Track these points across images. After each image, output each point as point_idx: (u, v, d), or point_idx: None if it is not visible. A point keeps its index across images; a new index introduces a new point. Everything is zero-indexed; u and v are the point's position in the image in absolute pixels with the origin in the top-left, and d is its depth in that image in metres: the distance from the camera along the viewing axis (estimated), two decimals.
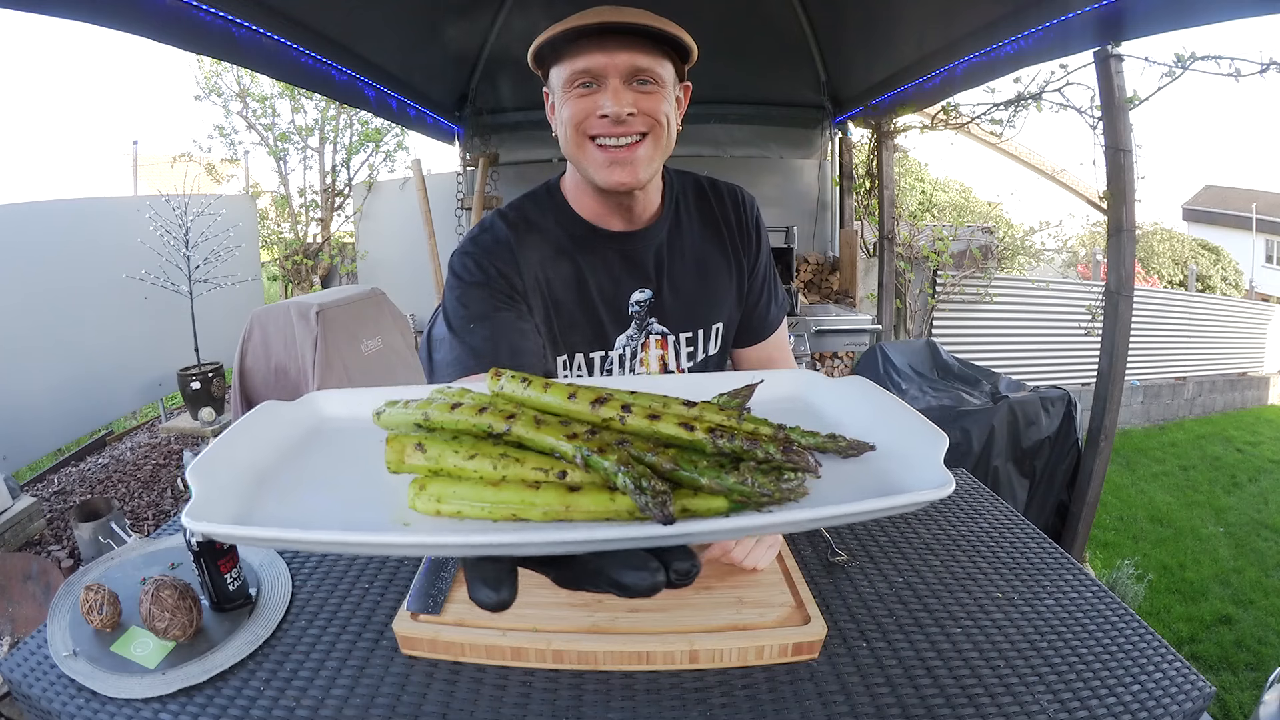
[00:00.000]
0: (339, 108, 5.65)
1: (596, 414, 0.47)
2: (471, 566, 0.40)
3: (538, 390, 0.50)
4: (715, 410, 0.50)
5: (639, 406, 0.47)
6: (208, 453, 0.48)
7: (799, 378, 0.67)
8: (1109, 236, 2.55)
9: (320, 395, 0.63)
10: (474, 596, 0.39)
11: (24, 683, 0.75)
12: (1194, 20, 1.92)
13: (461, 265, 0.92)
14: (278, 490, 0.48)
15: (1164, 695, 0.73)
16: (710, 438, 0.45)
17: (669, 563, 0.39)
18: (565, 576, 0.42)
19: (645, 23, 0.81)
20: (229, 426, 0.53)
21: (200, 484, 0.43)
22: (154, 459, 3.65)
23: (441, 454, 0.44)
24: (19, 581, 2.03)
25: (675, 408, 0.49)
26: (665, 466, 0.42)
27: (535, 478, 0.42)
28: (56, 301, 3.32)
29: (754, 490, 0.41)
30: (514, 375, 0.52)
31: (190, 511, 0.40)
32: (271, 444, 0.54)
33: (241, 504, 0.45)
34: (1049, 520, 2.78)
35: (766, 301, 1.09)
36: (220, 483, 0.45)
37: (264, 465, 0.51)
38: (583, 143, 0.87)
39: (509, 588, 0.39)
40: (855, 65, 3.98)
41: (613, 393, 0.50)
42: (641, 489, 0.38)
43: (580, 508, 0.41)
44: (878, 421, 0.53)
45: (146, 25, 1.89)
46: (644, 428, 0.46)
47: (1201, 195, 15.47)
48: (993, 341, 5.42)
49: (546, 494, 0.41)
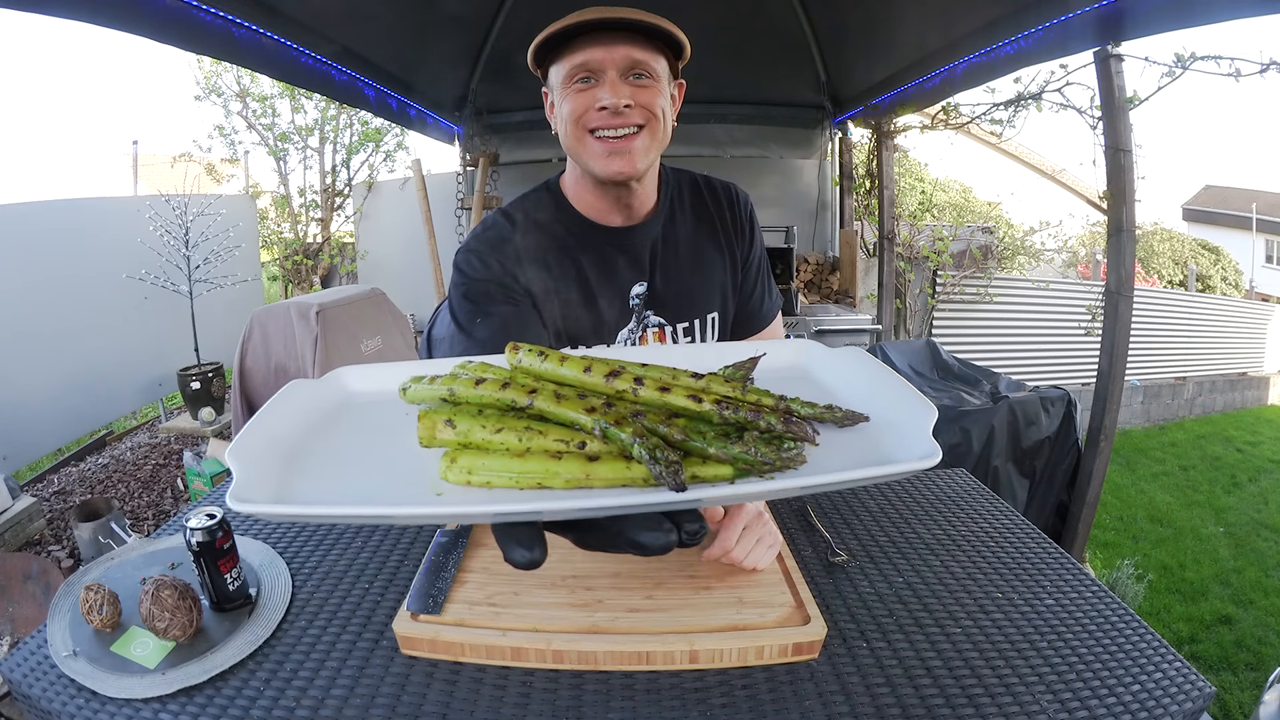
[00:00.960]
0: (339, 108, 5.65)
1: (611, 386, 0.50)
2: (504, 531, 0.44)
3: (554, 363, 0.53)
4: (721, 382, 0.53)
5: (650, 379, 0.51)
6: (243, 434, 0.50)
7: (799, 348, 0.69)
8: (1109, 236, 2.55)
9: (345, 371, 0.65)
10: (510, 557, 0.43)
11: (24, 683, 0.75)
12: (1194, 20, 1.92)
13: (466, 262, 0.94)
14: (312, 466, 0.50)
15: (1164, 695, 0.73)
16: (717, 409, 0.48)
17: (680, 524, 0.44)
18: (586, 539, 0.46)
19: (640, 18, 0.85)
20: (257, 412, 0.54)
21: (239, 466, 0.45)
22: (154, 459, 3.65)
23: (470, 429, 0.47)
24: (19, 581, 2.03)
25: (684, 380, 0.52)
26: (676, 437, 0.45)
27: (557, 449, 0.46)
28: (57, 301, 3.32)
29: (757, 459, 0.44)
30: (531, 349, 0.55)
31: (233, 493, 0.42)
32: (302, 421, 0.56)
33: (280, 482, 0.47)
34: (1049, 520, 2.78)
35: (761, 294, 1.12)
36: (257, 463, 0.47)
37: (296, 443, 0.53)
38: (582, 136, 0.89)
39: (540, 548, 0.44)
40: (855, 65, 3.98)
41: (625, 365, 0.53)
42: (656, 459, 0.42)
43: (599, 476, 0.44)
44: (872, 391, 0.56)
45: (146, 25, 1.89)
46: (655, 399, 0.50)
47: (1201, 195, 15.47)
48: (993, 341, 5.42)
49: (568, 464, 0.45)
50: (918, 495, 1.17)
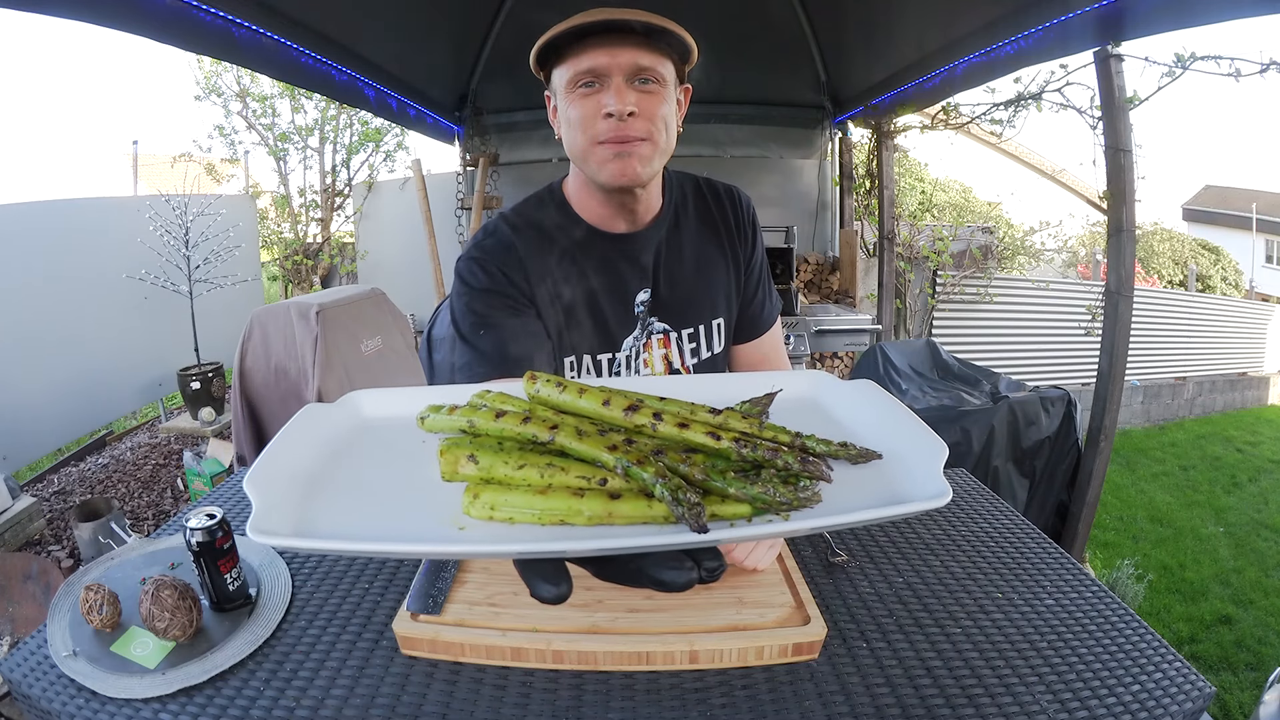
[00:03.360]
0: (339, 108, 5.64)
1: (630, 420, 0.51)
2: (528, 566, 0.45)
3: (573, 395, 0.54)
4: (738, 418, 0.53)
5: (669, 414, 0.52)
6: (261, 462, 0.50)
7: (812, 380, 0.70)
8: (1109, 236, 2.55)
9: (359, 395, 0.66)
10: (536, 593, 0.44)
11: (24, 683, 0.75)
12: (1194, 20, 1.92)
13: (468, 271, 0.92)
14: (330, 496, 0.50)
15: (1164, 695, 0.73)
16: (735, 446, 0.49)
17: (700, 561, 0.45)
18: (607, 572, 0.46)
19: (647, 20, 0.82)
20: (277, 434, 0.54)
21: (258, 495, 0.45)
22: (154, 459, 3.65)
23: (493, 465, 0.48)
24: (19, 581, 2.03)
25: (702, 415, 0.53)
26: (697, 477, 0.46)
27: (579, 485, 0.46)
28: (57, 301, 3.32)
29: (775, 499, 0.45)
30: (549, 379, 0.56)
31: (253, 525, 0.42)
32: (318, 448, 0.56)
33: (299, 513, 0.47)
34: (1049, 520, 2.78)
35: (762, 299, 1.11)
36: (275, 493, 0.47)
37: (313, 470, 0.53)
38: (588, 144, 0.87)
39: (567, 583, 0.45)
40: (855, 65, 3.98)
41: (644, 399, 0.54)
42: (678, 500, 0.42)
43: (621, 513, 0.45)
44: (883, 426, 0.57)
45: (146, 25, 1.88)
46: (674, 435, 0.50)
47: (1201, 195, 15.46)
48: (993, 341, 5.42)
49: (590, 501, 0.45)
50: None
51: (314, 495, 0.50)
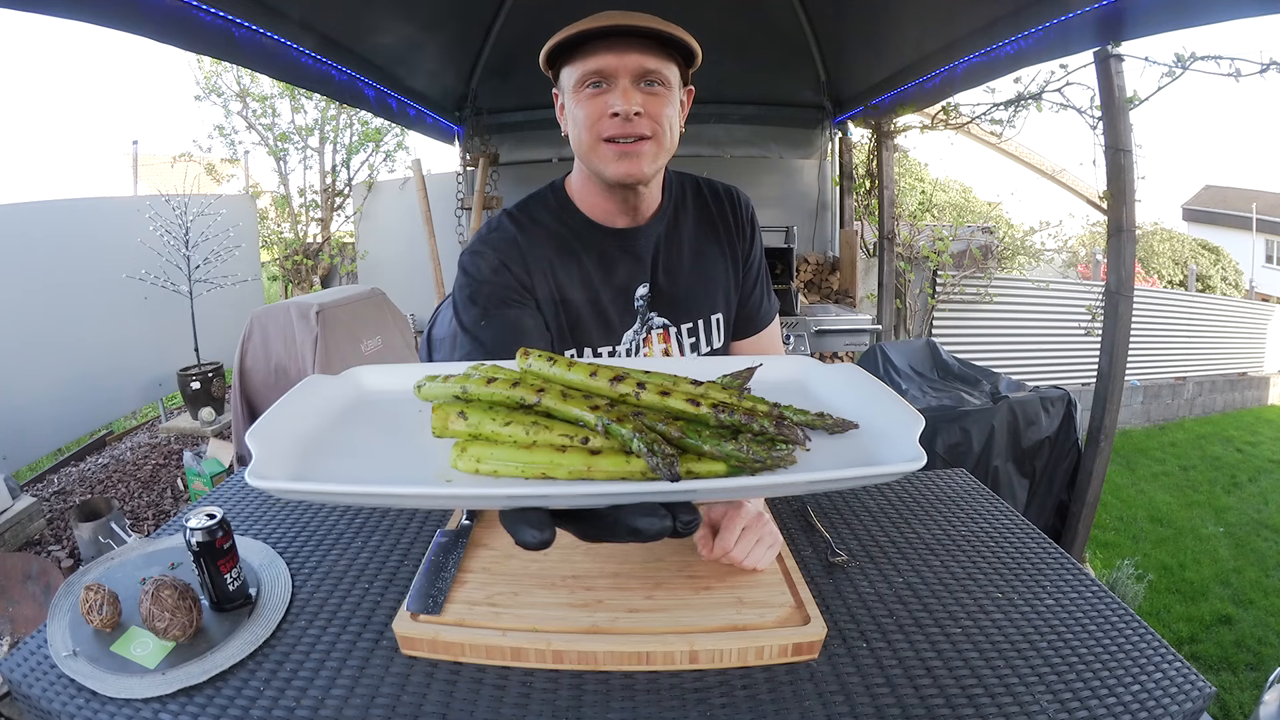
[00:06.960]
0: (339, 108, 5.64)
1: (615, 390, 0.54)
2: (513, 515, 0.46)
3: (562, 368, 0.56)
4: (719, 389, 0.56)
5: (652, 384, 0.54)
6: (263, 420, 0.53)
7: (796, 363, 0.73)
8: (1109, 236, 2.55)
9: (361, 370, 0.69)
10: (521, 539, 0.45)
11: (24, 683, 0.75)
12: (1194, 20, 1.92)
13: (472, 263, 0.94)
14: (327, 452, 0.53)
15: (1164, 695, 0.73)
16: (713, 412, 0.51)
17: (676, 514, 0.46)
18: (587, 530, 0.48)
19: (654, 26, 0.85)
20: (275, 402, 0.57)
21: (259, 447, 0.48)
22: (154, 459, 3.65)
23: (480, 421, 0.51)
24: (19, 581, 2.03)
25: (684, 386, 0.56)
26: (674, 435, 0.48)
27: (562, 442, 0.49)
28: (56, 301, 3.32)
29: (749, 457, 0.47)
30: (540, 354, 0.58)
31: (252, 470, 0.44)
32: (318, 413, 0.60)
33: (297, 465, 0.50)
34: (1049, 520, 2.78)
35: (760, 296, 1.13)
36: (276, 446, 0.50)
37: (313, 431, 0.56)
38: (595, 142, 0.90)
39: (550, 529, 0.46)
40: (855, 65, 3.98)
41: (629, 371, 0.56)
42: (653, 452, 0.45)
43: (600, 468, 0.47)
44: (864, 404, 0.59)
45: (146, 25, 1.89)
46: (656, 402, 0.53)
47: (1201, 195, 15.46)
48: (993, 341, 5.42)
49: (572, 456, 0.48)
50: (918, 495, 1.17)
51: (311, 451, 0.53)
